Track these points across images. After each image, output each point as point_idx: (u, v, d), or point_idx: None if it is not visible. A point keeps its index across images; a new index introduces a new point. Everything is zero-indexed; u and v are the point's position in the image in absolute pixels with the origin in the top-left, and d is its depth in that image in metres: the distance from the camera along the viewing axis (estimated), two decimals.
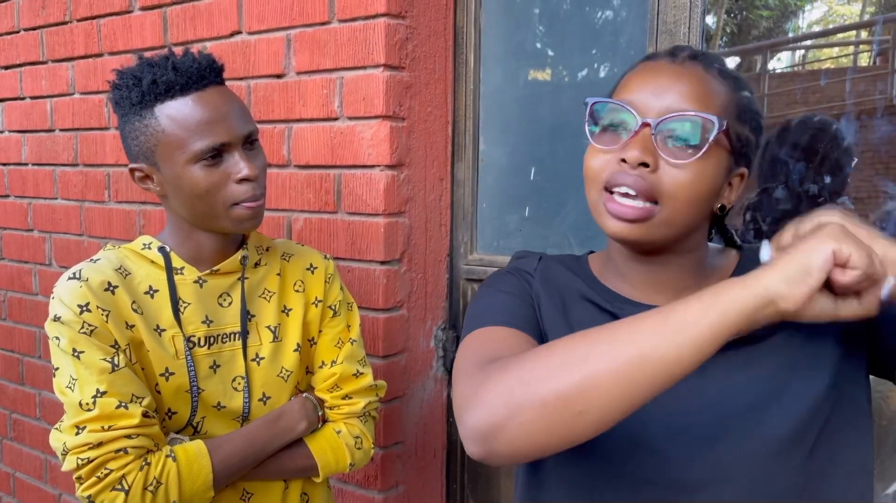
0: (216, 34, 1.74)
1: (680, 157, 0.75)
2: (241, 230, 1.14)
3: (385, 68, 1.49)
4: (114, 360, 1.04)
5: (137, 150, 1.10)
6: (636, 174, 0.75)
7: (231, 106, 1.10)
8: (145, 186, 1.13)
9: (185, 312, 1.13)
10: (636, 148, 0.75)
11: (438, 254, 1.68)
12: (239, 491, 1.19)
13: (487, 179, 1.70)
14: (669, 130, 0.75)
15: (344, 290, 1.31)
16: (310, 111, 1.60)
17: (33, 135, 2.27)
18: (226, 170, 1.08)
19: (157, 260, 1.14)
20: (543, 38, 1.65)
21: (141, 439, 1.03)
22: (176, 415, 1.12)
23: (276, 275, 1.24)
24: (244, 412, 1.17)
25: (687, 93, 0.76)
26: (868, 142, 1.29)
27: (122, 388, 1.03)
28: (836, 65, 1.42)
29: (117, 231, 2.04)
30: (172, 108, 1.06)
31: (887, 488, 1.24)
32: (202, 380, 1.14)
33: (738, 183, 0.82)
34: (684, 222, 0.78)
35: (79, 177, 2.14)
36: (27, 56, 2.23)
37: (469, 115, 1.67)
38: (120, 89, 1.09)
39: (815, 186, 1.31)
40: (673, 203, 0.76)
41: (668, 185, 0.75)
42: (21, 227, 2.35)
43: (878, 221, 1.25)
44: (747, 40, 1.39)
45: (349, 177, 1.56)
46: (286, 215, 1.68)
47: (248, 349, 1.18)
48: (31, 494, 2.45)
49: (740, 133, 0.78)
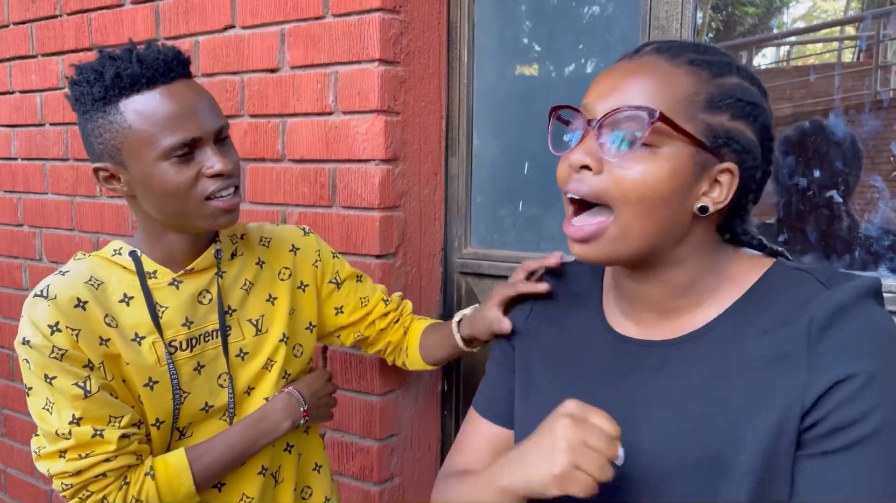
0: (209, 28, 1.74)
1: (626, 156, 0.71)
2: (216, 227, 1.08)
3: (380, 63, 1.50)
4: (86, 386, 1.01)
5: (102, 148, 1.04)
6: (578, 177, 0.74)
7: (200, 99, 1.05)
8: (111, 187, 1.08)
9: (164, 317, 1.10)
10: (578, 150, 0.74)
11: (433, 247, 1.69)
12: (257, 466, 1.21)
13: (481, 174, 1.71)
14: (609, 130, 0.72)
15: (337, 258, 1.35)
16: (304, 105, 1.60)
17: (23, 129, 2.25)
18: (197, 166, 1.03)
19: (129, 265, 1.10)
20: (537, 33, 1.66)
21: (120, 459, 1.03)
22: (164, 423, 1.10)
23: (256, 263, 1.21)
24: (230, 407, 1.16)
25: (635, 88, 0.72)
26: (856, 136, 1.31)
27: (97, 413, 1.02)
28: (821, 61, 1.44)
29: (109, 226, 2.04)
30: (138, 102, 1.00)
31: None
32: (187, 383, 1.11)
33: (729, 180, 0.73)
34: (645, 228, 0.73)
35: (69, 171, 2.13)
36: (17, 50, 2.21)
37: (463, 110, 1.68)
38: (80, 85, 1.02)
39: (805, 180, 1.33)
40: (624, 206, 0.72)
41: (614, 186, 0.72)
42: (11, 223, 2.33)
43: (865, 215, 1.28)
44: (733, 37, 1.41)
45: (344, 171, 1.57)
46: (281, 209, 1.68)
47: (233, 345, 1.16)
48: (22, 490, 2.44)
49: (712, 123, 0.71)
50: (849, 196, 1.31)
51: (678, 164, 0.71)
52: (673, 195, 0.72)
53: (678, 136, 0.71)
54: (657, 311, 0.80)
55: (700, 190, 0.73)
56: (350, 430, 1.62)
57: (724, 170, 0.73)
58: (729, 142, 0.72)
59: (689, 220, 0.74)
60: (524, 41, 1.69)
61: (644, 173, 0.71)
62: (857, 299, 0.69)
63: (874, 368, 0.66)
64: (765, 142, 0.75)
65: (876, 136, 1.30)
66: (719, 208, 0.74)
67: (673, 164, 0.71)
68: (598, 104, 0.74)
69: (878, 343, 0.67)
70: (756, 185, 0.77)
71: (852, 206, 1.31)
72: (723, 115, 0.72)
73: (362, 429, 1.60)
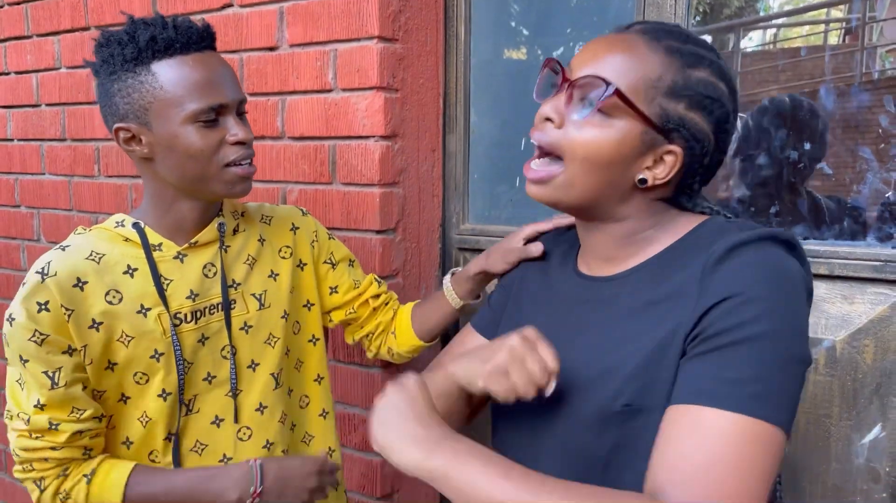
0: (207, 7, 1.75)
1: (584, 119, 0.80)
2: (232, 194, 1.12)
3: (379, 40, 1.52)
4: (54, 377, 1.05)
5: (128, 108, 1.06)
6: (542, 128, 0.84)
7: (227, 70, 1.10)
8: (129, 148, 1.09)
9: (169, 289, 1.12)
10: (548, 105, 0.83)
11: (431, 224, 1.72)
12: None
13: (478, 151, 1.74)
14: (578, 92, 0.80)
15: (332, 240, 1.36)
16: (304, 83, 1.62)
17: (19, 110, 2.25)
18: (221, 132, 1.07)
19: (133, 237, 1.12)
20: (533, 10, 1.68)
21: (65, 451, 1.07)
22: (171, 395, 1.12)
23: (258, 240, 1.24)
24: (232, 378, 1.18)
25: (609, 62, 0.79)
26: (845, 111, 1.35)
27: (60, 403, 1.06)
28: (807, 43, 1.47)
29: (108, 205, 2.05)
30: (171, 65, 1.04)
31: (863, 438, 1.31)
32: (191, 354, 1.14)
33: (672, 160, 0.80)
34: (587, 184, 0.81)
35: (67, 151, 2.14)
36: (12, 30, 2.21)
37: (460, 87, 1.71)
38: (108, 46, 1.05)
39: (796, 153, 1.37)
40: (571, 161, 0.81)
41: (566, 143, 0.81)
42: (8, 204, 2.34)
43: (853, 184, 1.32)
44: (719, 19, 1.43)
45: (344, 148, 1.59)
46: (281, 187, 1.70)
47: (237, 318, 1.18)
48: None
49: (667, 108, 0.78)
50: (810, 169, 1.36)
51: (626, 136, 0.79)
52: (616, 162, 0.80)
53: (632, 113, 0.78)
54: (601, 258, 0.90)
55: (644, 163, 0.81)
56: (352, 402, 1.65)
57: (669, 151, 0.80)
58: (679, 128, 0.79)
59: (631, 187, 0.83)
60: (520, 18, 1.72)
61: (594, 137, 0.80)
62: (757, 239, 0.75)
63: (758, 291, 0.71)
64: (719, 133, 0.82)
65: (864, 111, 1.33)
66: (658, 184, 0.82)
67: (622, 135, 0.79)
68: (578, 68, 0.82)
69: (766, 272, 0.73)
70: (703, 168, 0.84)
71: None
72: (680, 103, 0.79)
73: (364, 400, 1.63)
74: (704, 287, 0.74)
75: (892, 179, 1.29)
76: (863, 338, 1.29)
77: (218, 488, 1.11)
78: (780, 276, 0.73)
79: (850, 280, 1.29)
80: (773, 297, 0.71)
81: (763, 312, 0.70)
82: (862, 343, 1.29)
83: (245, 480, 1.12)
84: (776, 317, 0.70)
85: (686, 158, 0.81)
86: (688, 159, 0.81)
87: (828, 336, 1.32)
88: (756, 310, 0.70)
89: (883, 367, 1.28)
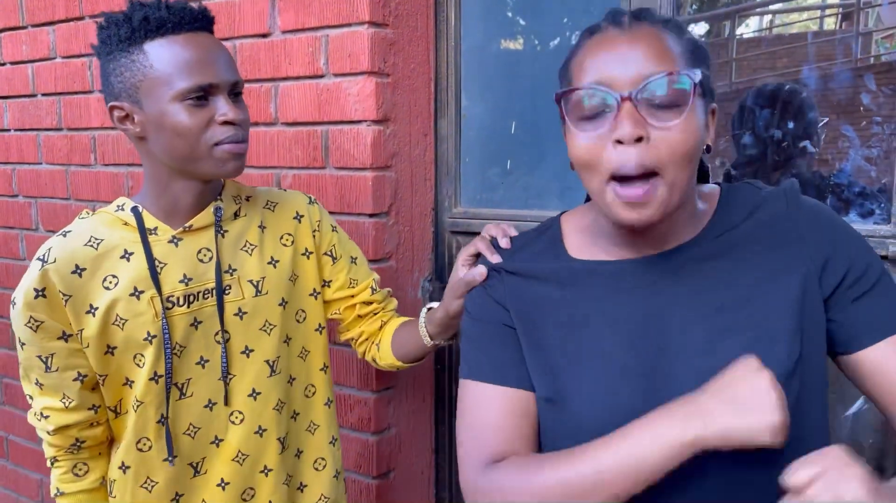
0: None
1: (668, 120, 0.75)
2: (222, 174, 1.12)
3: (369, 25, 1.53)
4: (48, 362, 1.12)
5: (121, 87, 1.09)
6: (635, 151, 0.75)
7: (220, 51, 1.11)
8: (123, 127, 1.12)
9: (162, 273, 1.14)
10: (627, 124, 0.75)
11: (424, 207, 1.75)
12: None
13: (470, 134, 1.76)
14: (650, 97, 0.76)
15: (337, 232, 1.36)
16: (296, 69, 1.64)
17: (15, 100, 2.27)
18: (210, 112, 1.08)
19: (131, 220, 1.14)
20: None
21: (56, 438, 1.17)
22: (161, 377, 1.15)
23: (258, 226, 1.24)
24: (223, 363, 1.19)
25: (648, 55, 0.76)
26: (829, 92, 1.37)
27: (51, 387, 1.14)
28: (804, 28, 1.48)
29: (105, 193, 2.07)
30: (162, 44, 1.06)
31: (846, 410, 1.34)
32: (183, 338, 1.16)
33: (712, 119, 0.85)
34: (685, 180, 0.78)
35: (63, 141, 2.16)
36: (6, 21, 2.23)
37: (451, 72, 1.73)
38: (107, 28, 1.09)
39: (780, 132, 1.39)
40: (673, 167, 0.76)
41: (664, 150, 0.76)
42: (6, 194, 2.36)
43: (836, 162, 1.35)
44: (716, 7, 1.43)
45: (336, 132, 1.61)
46: (275, 172, 1.72)
47: (231, 304, 1.19)
48: (24, 457, 2.50)
49: (702, 73, 0.78)
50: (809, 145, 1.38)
51: (699, 116, 0.79)
52: (701, 145, 0.80)
53: (699, 92, 0.78)
54: (651, 238, 0.87)
55: (708, 133, 0.83)
56: (349, 384, 1.68)
57: (713, 110, 0.84)
58: (708, 86, 0.82)
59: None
60: (510, 3, 1.73)
61: (686, 131, 0.77)
62: (795, 189, 0.89)
63: (853, 240, 0.86)
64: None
65: (847, 90, 1.35)
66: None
67: (700, 119, 0.79)
68: (621, 75, 0.77)
69: (840, 222, 0.88)
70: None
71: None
72: (702, 65, 0.81)
73: (360, 381, 1.66)
74: (803, 231, 0.85)
75: (873, 156, 1.32)
76: None
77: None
78: (839, 219, 0.89)
79: None
80: (858, 239, 0.87)
81: (867, 254, 0.85)
82: None
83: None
84: (871, 252, 0.86)
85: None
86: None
87: None
88: (865, 255, 0.85)
89: None
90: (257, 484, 1.25)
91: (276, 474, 1.26)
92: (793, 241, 0.84)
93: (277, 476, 1.26)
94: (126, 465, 1.18)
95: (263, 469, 1.25)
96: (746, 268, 0.84)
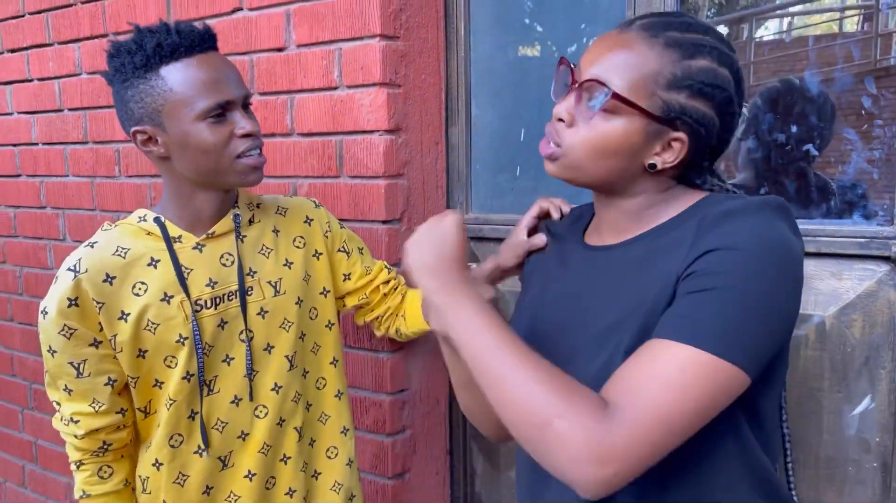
0: (218, 11, 1.83)
1: (585, 117, 0.85)
2: (245, 184, 1.19)
3: (381, 38, 1.58)
4: (80, 368, 1.18)
5: (142, 112, 1.13)
6: (554, 128, 0.88)
7: (230, 68, 1.17)
8: (147, 150, 1.17)
9: (189, 278, 1.20)
10: (561, 105, 0.88)
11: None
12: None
13: (480, 142, 1.80)
14: (585, 93, 0.85)
15: (344, 229, 1.43)
16: (311, 81, 1.69)
17: (42, 115, 2.35)
18: (229, 126, 1.14)
19: (154, 230, 1.20)
20: (529, 5, 1.74)
21: (84, 442, 1.22)
22: (193, 377, 1.21)
23: (272, 231, 1.31)
24: (247, 360, 1.25)
25: (612, 61, 0.84)
26: (831, 94, 1.39)
27: (82, 392, 1.19)
28: (825, 30, 1.48)
29: (129, 204, 2.14)
30: (178, 68, 1.11)
31: (853, 409, 1.36)
32: (211, 338, 1.22)
33: (679, 147, 0.85)
34: (595, 169, 0.87)
35: (89, 154, 2.23)
36: (34, 39, 2.31)
37: (461, 82, 1.77)
38: (119, 56, 1.13)
39: (783, 135, 1.42)
40: (581, 151, 0.86)
41: (570, 138, 0.86)
42: (34, 205, 2.44)
43: (838, 164, 1.36)
44: (735, 10, 1.44)
45: (350, 142, 1.66)
46: (291, 181, 1.78)
47: (253, 304, 1.26)
48: (53, 461, 2.57)
49: (668, 100, 0.82)
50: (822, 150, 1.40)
51: (630, 130, 0.84)
52: (621, 153, 0.85)
53: (633, 110, 0.83)
54: (613, 230, 0.95)
55: (652, 151, 0.86)
56: (363, 386, 1.73)
57: (675, 138, 0.85)
58: (683, 116, 0.83)
59: (641, 170, 0.87)
60: (517, 14, 1.77)
61: (596, 133, 0.85)
62: (750, 206, 0.80)
63: (745, 244, 0.76)
64: (724, 116, 0.86)
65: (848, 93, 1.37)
66: (668, 167, 0.86)
67: (625, 130, 0.84)
68: (585, 69, 0.86)
69: (756, 230, 0.77)
70: (711, 149, 0.88)
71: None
72: (681, 93, 0.83)
73: (374, 384, 1.71)
74: (698, 240, 0.80)
75: (874, 158, 1.34)
76: (851, 312, 1.34)
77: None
78: (768, 236, 0.78)
79: (838, 257, 1.34)
80: (758, 252, 0.76)
81: (744, 263, 0.75)
82: (850, 318, 1.34)
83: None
84: (753, 270, 0.75)
85: (692, 143, 0.85)
86: (694, 143, 0.85)
87: (818, 312, 1.36)
88: (737, 260, 0.75)
89: (871, 341, 1.33)
90: (278, 472, 1.32)
91: (294, 462, 1.33)
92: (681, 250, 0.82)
93: (295, 463, 1.33)
94: (159, 462, 1.24)
95: (283, 457, 1.32)
96: (641, 268, 0.87)
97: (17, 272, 2.54)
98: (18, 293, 2.55)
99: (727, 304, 0.74)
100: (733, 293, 0.74)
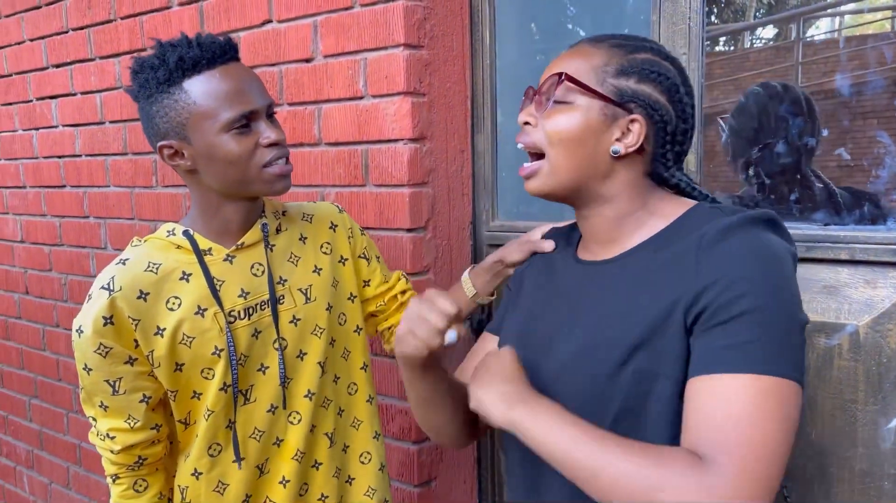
0: (249, 24, 1.87)
1: (546, 114, 0.92)
2: (272, 193, 1.19)
3: (405, 47, 1.59)
4: (115, 386, 1.18)
5: (167, 126, 1.13)
6: (523, 132, 0.96)
7: (253, 78, 1.17)
8: (174, 163, 1.17)
9: (222, 290, 1.20)
10: (523, 112, 0.97)
11: (462, 221, 1.79)
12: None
13: (506, 149, 1.79)
14: (543, 95, 0.93)
15: (364, 236, 1.44)
16: (337, 91, 1.71)
17: (85, 128, 2.43)
18: (254, 137, 1.14)
19: (184, 244, 1.20)
20: (554, 11, 1.73)
21: (120, 457, 1.22)
22: (230, 387, 1.22)
23: (299, 239, 1.31)
24: (280, 367, 1.25)
25: (562, 62, 0.93)
26: (865, 97, 1.35)
27: (117, 409, 1.20)
28: (879, 29, 1.43)
29: (165, 213, 2.20)
30: (201, 81, 1.11)
31: (889, 422, 1.31)
32: (246, 348, 1.22)
33: (638, 129, 0.90)
34: (569, 165, 0.92)
35: (129, 165, 2.30)
36: (76, 54, 2.39)
37: (487, 89, 1.77)
38: (143, 72, 1.13)
39: (814, 140, 1.38)
40: (551, 149, 0.92)
41: (543, 135, 0.92)
42: (78, 215, 2.53)
43: (873, 169, 1.32)
44: (787, 9, 1.41)
45: (375, 151, 1.67)
46: (319, 190, 1.80)
47: (285, 312, 1.26)
48: (95, 463, 2.64)
49: (619, 85, 0.90)
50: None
51: (589, 114, 0.91)
52: (586, 137, 0.91)
53: (587, 94, 0.90)
54: (599, 242, 0.98)
55: (613, 136, 0.91)
56: (389, 393, 1.73)
57: (632, 120, 0.90)
58: (635, 98, 0.90)
59: (609, 160, 0.92)
60: (543, 20, 1.77)
61: (562, 122, 0.91)
62: (744, 223, 0.83)
63: (748, 271, 0.79)
64: (674, 102, 0.92)
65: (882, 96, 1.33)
66: (631, 151, 0.91)
67: (585, 114, 0.91)
68: (540, 80, 0.96)
69: (753, 253, 0.81)
70: (671, 137, 0.92)
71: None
72: (630, 79, 0.90)
73: (400, 391, 1.71)
74: (700, 266, 0.82)
75: None
76: (886, 322, 1.29)
77: None
78: (766, 254, 0.81)
79: (872, 265, 1.29)
80: (761, 273, 0.79)
81: (753, 287, 0.78)
82: (886, 327, 1.29)
83: None
84: (766, 288, 0.79)
85: (650, 129, 0.91)
86: (651, 127, 0.91)
87: (851, 321, 1.32)
88: (747, 286, 0.78)
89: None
90: (310, 479, 1.33)
91: (325, 467, 1.33)
92: (684, 274, 0.83)
93: (327, 469, 1.33)
94: (199, 472, 1.25)
95: (314, 463, 1.33)
96: (639, 286, 0.89)
97: (63, 279, 2.63)
98: (63, 300, 2.64)
99: (761, 325, 0.77)
100: (762, 314, 0.77)
